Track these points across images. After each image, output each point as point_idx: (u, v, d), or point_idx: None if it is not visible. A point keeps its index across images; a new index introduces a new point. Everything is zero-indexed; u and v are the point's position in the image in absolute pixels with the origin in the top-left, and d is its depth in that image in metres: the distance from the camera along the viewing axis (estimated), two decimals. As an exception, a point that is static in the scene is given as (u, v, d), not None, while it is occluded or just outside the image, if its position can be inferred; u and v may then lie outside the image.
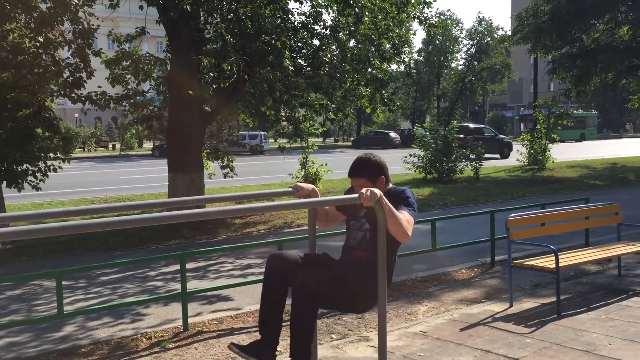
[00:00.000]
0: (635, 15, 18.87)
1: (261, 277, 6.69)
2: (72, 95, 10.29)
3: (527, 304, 5.73)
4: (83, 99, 10.43)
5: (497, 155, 29.96)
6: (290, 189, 3.49)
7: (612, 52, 19.27)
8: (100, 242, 9.44)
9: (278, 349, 3.54)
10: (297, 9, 12.87)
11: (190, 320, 5.43)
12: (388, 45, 11.90)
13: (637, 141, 51.07)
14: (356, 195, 2.92)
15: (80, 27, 10.03)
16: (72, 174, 23.46)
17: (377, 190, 2.98)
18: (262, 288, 3.51)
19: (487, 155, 20.86)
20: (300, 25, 11.18)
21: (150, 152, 41.78)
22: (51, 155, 10.57)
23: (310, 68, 11.28)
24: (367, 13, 10.54)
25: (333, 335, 5.06)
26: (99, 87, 10.74)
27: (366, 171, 3.52)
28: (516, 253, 7.10)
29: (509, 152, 30.69)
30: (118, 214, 7.30)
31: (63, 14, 9.57)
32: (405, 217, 3.27)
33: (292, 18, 11.04)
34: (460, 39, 64.84)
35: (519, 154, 22.13)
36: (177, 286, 6.60)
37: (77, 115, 56.81)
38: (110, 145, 54.37)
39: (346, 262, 3.56)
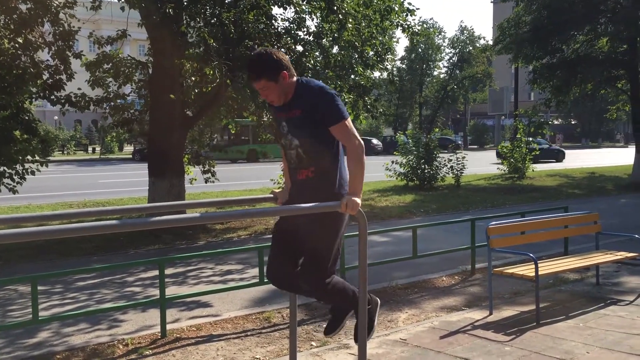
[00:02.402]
0: (614, 28, 19.18)
1: (241, 282, 6.67)
2: (52, 97, 10.16)
3: (507, 311, 5.75)
4: (62, 100, 10.30)
5: (553, 160, 36.00)
6: (271, 195, 3.46)
7: (592, 63, 19.54)
8: (77, 246, 9.29)
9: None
10: (281, 14, 12.88)
11: (168, 326, 5.35)
12: (371, 53, 11.93)
13: (615, 151, 51.83)
14: (337, 202, 2.90)
15: (61, 28, 9.93)
16: (50, 177, 23.15)
17: (358, 200, 2.95)
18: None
19: (543, 160, 30.17)
20: (283, 31, 11.16)
21: (130, 156, 41.46)
22: (29, 157, 10.41)
23: (293, 74, 11.25)
24: (350, 20, 10.56)
25: (313, 343, 5.02)
26: (79, 89, 10.62)
27: (263, 71, 3.14)
28: (496, 261, 7.13)
29: (563, 157, 36.97)
30: (97, 219, 7.20)
31: (43, 16, 9.47)
32: (356, 152, 3.14)
33: (276, 23, 11.02)
34: (442, 47, 65.36)
35: (499, 162, 22.33)
36: (156, 292, 6.51)
37: (56, 117, 56.17)
38: (90, 149, 53.85)
39: (298, 191, 3.38)
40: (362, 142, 3.19)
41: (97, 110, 11.84)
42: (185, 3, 10.30)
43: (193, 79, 10.13)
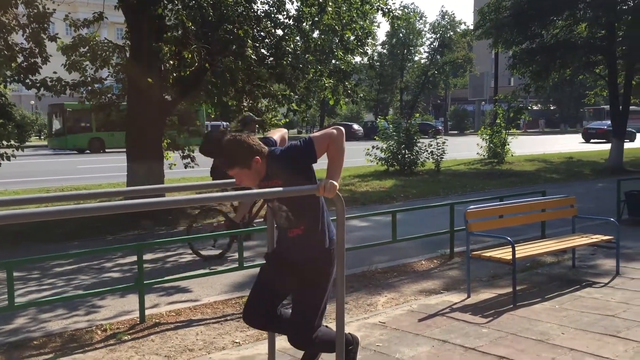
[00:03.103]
0: (593, 13, 19.28)
1: (221, 267, 6.64)
2: (27, 80, 9.97)
3: (484, 294, 5.82)
4: (38, 84, 10.12)
5: (628, 140, 35.65)
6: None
7: (570, 49, 19.64)
8: (54, 232, 9.18)
9: None
10: (261, -3, 12.73)
11: (147, 312, 5.33)
12: (352, 37, 11.89)
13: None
14: (314, 185, 2.88)
15: (35, 10, 9.71)
16: (27, 162, 22.81)
17: (335, 183, 2.94)
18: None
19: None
20: (263, 15, 11.06)
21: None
22: (4, 142, 10.23)
23: (273, 58, 11.18)
24: (330, 4, 10.50)
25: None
26: (55, 73, 10.43)
27: (235, 160, 3.15)
28: (474, 245, 7.19)
29: (634, 137, 39.38)
30: (75, 203, 7.11)
31: (17, -3, 9.26)
32: (335, 142, 3.18)
33: (255, 7, 10.91)
34: (423, 32, 65.38)
35: (479, 147, 22.45)
36: (134, 277, 6.49)
37: (32, 102, 55.24)
38: (68, 134, 53.01)
39: (289, 248, 3.43)
40: (341, 130, 3.20)
41: (74, 95, 11.65)
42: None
43: (172, 62, 9.99)
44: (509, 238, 5.64)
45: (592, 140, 40.73)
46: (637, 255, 7.29)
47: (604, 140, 38.05)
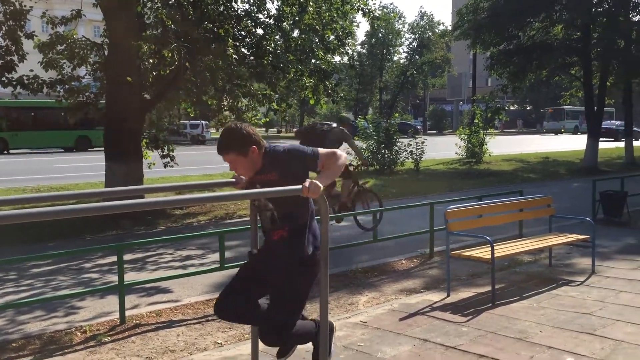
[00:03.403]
0: (569, 15, 19.59)
1: (201, 268, 6.64)
2: (2, 78, 9.82)
3: (464, 293, 5.89)
4: (14, 82, 9.97)
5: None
6: (233, 180, 3.43)
7: (547, 50, 19.94)
8: (31, 233, 9.06)
9: None
10: (241, -4, 12.70)
11: (127, 313, 5.29)
12: (332, 37, 11.92)
13: (568, 137, 53.28)
14: (298, 187, 2.90)
15: (12, 7, 9.56)
16: (2, 161, 22.46)
17: (319, 183, 2.96)
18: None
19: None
20: (243, 14, 11.03)
21: (86, 140, 40.36)
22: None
23: (254, 57, 11.16)
24: (311, 3, 10.51)
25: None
26: (31, 70, 10.28)
27: (233, 146, 3.20)
28: (453, 244, 7.25)
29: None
30: (52, 204, 7.03)
31: (-8, -6, 9.11)
32: (337, 164, 3.22)
33: (236, 6, 10.88)
34: (402, 32, 65.63)
35: (457, 147, 22.66)
36: (114, 278, 6.42)
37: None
38: (43, 132, 52.25)
39: (271, 250, 3.43)
40: (345, 157, 3.28)
41: (51, 93, 11.49)
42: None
43: (151, 61, 9.92)
44: (488, 237, 5.71)
45: (601, 139, 42.02)
46: (612, 254, 7.43)
47: (612, 139, 39.57)
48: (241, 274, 3.49)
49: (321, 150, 3.26)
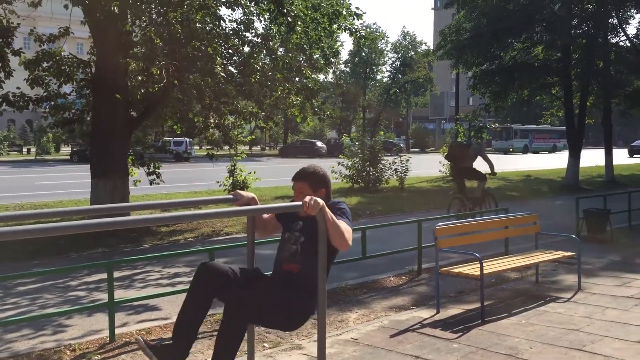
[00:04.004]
0: (549, 36, 20.00)
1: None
2: (-12, 95, 9.77)
3: (453, 310, 5.93)
4: (0, 99, 9.91)
5: None
6: (231, 196, 3.46)
7: (528, 70, 20.31)
8: (15, 250, 8.93)
9: None
10: (229, 15, 12.84)
11: (116, 330, 5.25)
12: (316, 56, 12.04)
13: (550, 155, 54.03)
14: (299, 202, 2.94)
15: (-1, 24, 9.55)
16: (-17, 178, 22.16)
17: (320, 200, 3.01)
18: (187, 294, 3.41)
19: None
20: (231, 32, 11.11)
21: (68, 157, 40.14)
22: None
23: (241, 75, 11.22)
24: (299, 23, 10.62)
25: (265, 344, 5.04)
26: (18, 88, 10.23)
27: (310, 178, 3.55)
28: (440, 261, 7.31)
29: None
30: (35, 222, 6.96)
31: (-20, 10, 9.08)
32: (344, 226, 3.31)
33: (224, 24, 10.96)
34: (385, 52, 66.37)
35: (440, 165, 22.84)
36: (102, 296, 6.38)
37: (-13, 116, 53.77)
38: (24, 150, 51.77)
39: (277, 279, 3.55)
40: (348, 236, 3.34)
41: (36, 110, 11.44)
42: (130, 1, 10.09)
43: (139, 78, 9.93)
44: (477, 255, 5.78)
45: (635, 156, 46.28)
46: (597, 271, 7.54)
47: None
48: (244, 272, 3.52)
49: (347, 223, 3.39)
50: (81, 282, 7.27)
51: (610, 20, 20.76)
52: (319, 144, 49.93)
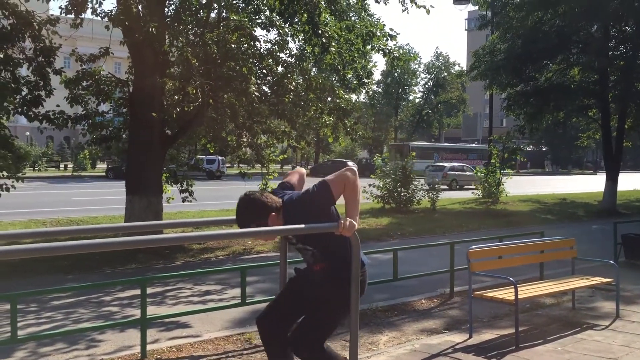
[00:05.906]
0: (586, 58, 19.72)
1: (221, 303, 6.64)
2: (29, 113, 10.05)
3: (486, 335, 5.81)
4: (40, 117, 10.20)
5: None
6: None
7: (564, 92, 20.01)
8: (51, 265, 9.11)
9: None
10: (264, 36, 13.02)
11: (148, 347, 5.28)
12: (349, 76, 12.10)
13: (585, 178, 52.97)
14: (334, 223, 2.94)
15: (42, 44, 9.84)
16: (21, 193, 22.70)
17: (355, 223, 3.01)
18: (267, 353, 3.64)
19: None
20: (266, 53, 11.25)
21: (104, 174, 40.96)
22: (4, 173, 10.25)
23: (275, 95, 11.34)
24: (333, 44, 10.71)
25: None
26: (58, 105, 10.52)
27: (251, 220, 3.29)
28: (473, 284, 7.20)
29: None
30: (71, 237, 7.09)
31: (25, 31, 9.39)
32: (350, 184, 3.25)
33: (259, 45, 11.11)
34: (418, 72, 66.39)
35: (473, 186, 22.60)
36: (134, 311, 6.45)
37: (28, 133, 55.30)
38: (62, 166, 52.99)
39: (311, 278, 3.60)
40: (354, 171, 3.31)
41: (74, 127, 11.72)
42: (168, 22, 10.33)
43: (176, 97, 10.11)
44: (511, 279, 5.67)
45: None
46: (636, 298, 7.32)
47: None
48: (284, 293, 3.66)
49: (329, 179, 3.29)
50: (114, 298, 7.36)
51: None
52: (350, 163, 49.92)
